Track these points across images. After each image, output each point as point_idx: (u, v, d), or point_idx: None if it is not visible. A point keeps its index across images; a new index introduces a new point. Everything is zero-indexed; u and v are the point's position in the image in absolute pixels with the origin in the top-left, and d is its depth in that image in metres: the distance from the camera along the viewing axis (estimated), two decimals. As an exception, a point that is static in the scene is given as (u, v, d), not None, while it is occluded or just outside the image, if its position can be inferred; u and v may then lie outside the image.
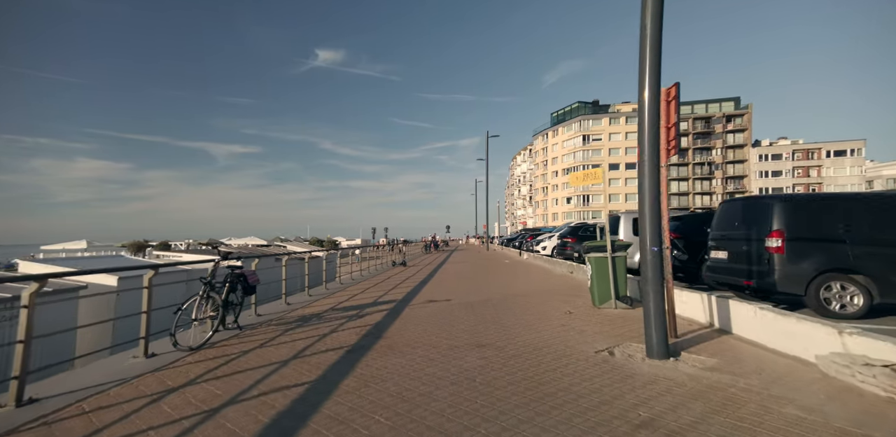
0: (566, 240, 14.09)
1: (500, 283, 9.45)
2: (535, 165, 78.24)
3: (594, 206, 64.20)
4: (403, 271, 13.57)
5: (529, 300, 6.55)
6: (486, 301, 6.52)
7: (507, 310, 5.75)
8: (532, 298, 6.84)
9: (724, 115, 57.37)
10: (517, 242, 27.91)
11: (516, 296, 7.04)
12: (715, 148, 58.68)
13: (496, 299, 6.69)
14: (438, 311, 5.78)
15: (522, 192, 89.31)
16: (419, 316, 5.42)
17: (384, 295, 7.66)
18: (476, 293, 7.54)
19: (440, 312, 5.69)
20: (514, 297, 6.95)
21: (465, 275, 11.72)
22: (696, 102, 61.18)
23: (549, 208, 71.97)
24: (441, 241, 36.52)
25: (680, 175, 61.41)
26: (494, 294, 7.34)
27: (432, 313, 5.63)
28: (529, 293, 7.31)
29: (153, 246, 35.42)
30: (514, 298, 6.84)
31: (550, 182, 71.82)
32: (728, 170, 57.86)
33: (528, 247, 20.71)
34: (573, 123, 66.54)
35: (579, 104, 67.04)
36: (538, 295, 7.14)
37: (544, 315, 5.32)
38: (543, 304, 6.22)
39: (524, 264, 15.18)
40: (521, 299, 6.67)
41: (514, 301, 6.49)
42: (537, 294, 7.26)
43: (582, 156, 64.93)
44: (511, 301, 6.50)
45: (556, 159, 70.46)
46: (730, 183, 57.75)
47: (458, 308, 5.94)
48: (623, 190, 62.98)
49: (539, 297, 6.93)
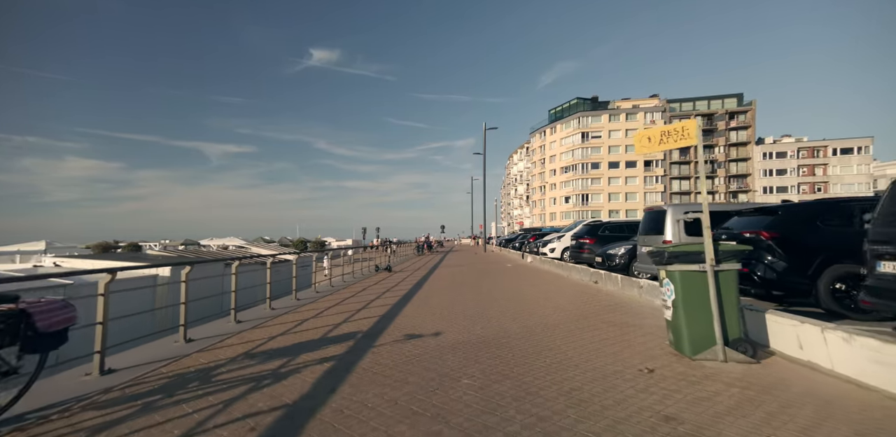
0: (583, 241, 11.79)
1: (511, 299, 7.12)
2: (533, 164, 76.19)
3: (593, 205, 62.29)
4: (387, 279, 11.20)
5: (566, 339, 4.17)
6: (497, 341, 4.13)
7: (535, 366, 3.35)
8: (566, 331, 4.46)
9: (727, 111, 55.73)
10: (517, 242, 25.62)
11: (543, 328, 4.65)
12: (717, 146, 57.01)
13: (513, 336, 4.29)
14: (419, 366, 3.37)
15: (519, 191, 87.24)
16: (382, 381, 3.01)
17: (345, 322, 5.25)
18: (480, 319, 5.16)
19: (422, 369, 3.29)
20: (539, 330, 4.57)
21: (461, 285, 9.37)
22: (698, 98, 59.51)
23: (547, 208, 69.93)
24: (435, 241, 34.15)
25: (681, 174, 59.66)
26: (507, 322, 4.97)
27: (407, 372, 3.22)
28: (558, 323, 4.93)
29: (122, 247, 32.54)
30: (541, 333, 4.45)
31: (548, 181, 69.78)
32: (731, 168, 56.21)
33: (532, 248, 18.41)
34: (572, 119, 64.54)
35: (578, 101, 65.10)
36: (572, 323, 4.78)
37: (607, 380, 2.95)
38: (589, 345, 3.84)
39: (531, 270, 12.85)
40: (552, 336, 4.29)
41: (542, 340, 4.11)
42: (571, 322, 4.90)
43: (581, 154, 62.96)
44: (537, 340, 4.11)
45: (554, 157, 68.43)
46: (733, 182, 56.11)
47: (454, 359, 3.54)
48: (623, 189, 61.10)
49: (575, 328, 4.56)
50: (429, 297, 7.59)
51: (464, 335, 4.32)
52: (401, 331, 4.61)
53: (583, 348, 3.73)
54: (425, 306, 6.46)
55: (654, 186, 60.06)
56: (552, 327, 4.63)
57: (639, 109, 61.01)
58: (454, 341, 4.07)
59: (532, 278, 10.33)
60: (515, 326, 4.76)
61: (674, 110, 59.88)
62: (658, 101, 61.91)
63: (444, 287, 9.01)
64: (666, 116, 59.38)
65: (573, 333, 4.36)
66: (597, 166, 62.20)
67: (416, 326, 4.91)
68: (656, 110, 60.00)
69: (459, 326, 4.83)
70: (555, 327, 4.62)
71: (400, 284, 9.78)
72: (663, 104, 59.87)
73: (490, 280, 10.06)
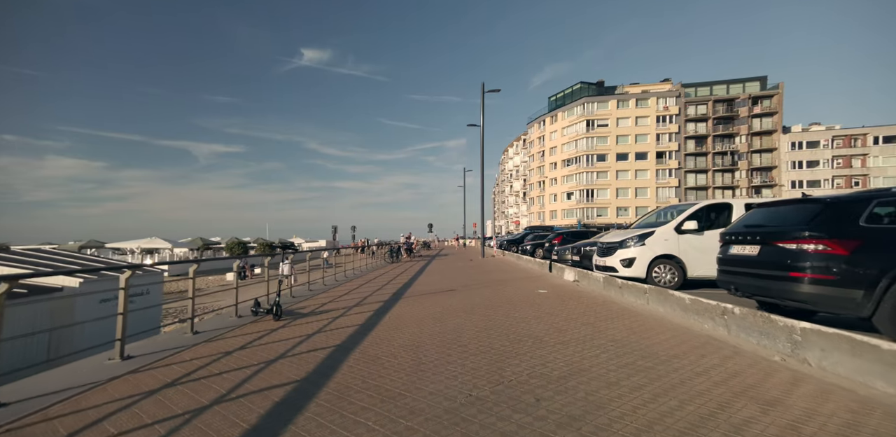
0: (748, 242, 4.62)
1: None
2: (530, 157, 69.49)
3: (599, 201, 55.78)
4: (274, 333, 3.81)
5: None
6: None
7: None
8: None
9: (750, 96, 49.67)
10: (527, 244, 18.57)
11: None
12: (739, 135, 50.95)
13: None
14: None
15: (515, 188, 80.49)
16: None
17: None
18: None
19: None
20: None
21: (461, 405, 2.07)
22: (715, 82, 53.43)
23: (547, 205, 63.26)
24: (418, 243, 26.61)
25: (697, 166, 53.48)
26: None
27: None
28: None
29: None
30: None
31: (548, 175, 63.13)
32: (754, 160, 50.18)
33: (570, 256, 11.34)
34: (575, 106, 57.94)
35: (581, 85, 58.55)
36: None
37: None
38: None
39: (614, 312, 5.66)
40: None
41: None
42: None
43: (585, 144, 56.39)
44: None
45: (555, 149, 61.81)
46: (756, 175, 50.08)
47: None
48: (633, 184, 54.71)
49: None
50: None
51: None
52: None
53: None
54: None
55: (667, 181, 53.82)
56: None
57: (650, 94, 54.70)
58: None
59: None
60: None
61: (689, 96, 53.70)
62: (671, 85, 55.71)
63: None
64: (681, 101, 53.21)
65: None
66: (603, 158, 55.74)
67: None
68: (670, 95, 53.77)
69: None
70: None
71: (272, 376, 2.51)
72: (678, 89, 53.64)
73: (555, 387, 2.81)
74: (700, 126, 53.25)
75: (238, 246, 24.04)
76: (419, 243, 25.13)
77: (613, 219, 54.58)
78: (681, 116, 53.21)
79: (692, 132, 53.28)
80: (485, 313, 5.37)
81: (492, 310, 5.54)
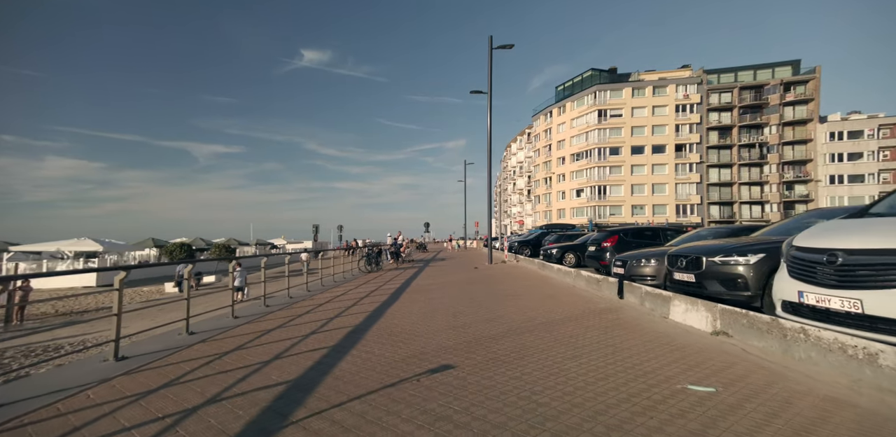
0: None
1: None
2: (535, 152, 64.70)
3: (612, 199, 50.91)
4: None
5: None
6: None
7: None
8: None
9: (783, 82, 44.84)
10: (552, 248, 13.73)
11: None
12: (768, 125, 46.11)
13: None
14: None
15: (518, 185, 75.68)
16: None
17: None
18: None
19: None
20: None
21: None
22: (740, 67, 48.61)
23: (554, 204, 58.42)
24: (408, 245, 21.72)
25: (721, 160, 48.63)
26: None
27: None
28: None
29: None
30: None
31: (555, 171, 58.31)
32: (786, 153, 45.32)
33: (652, 270, 6.47)
34: (586, 95, 53.15)
35: (593, 73, 53.75)
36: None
37: None
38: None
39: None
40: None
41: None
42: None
43: (597, 136, 51.58)
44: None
45: (563, 143, 57.02)
46: (788, 170, 45.20)
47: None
48: (649, 179, 49.89)
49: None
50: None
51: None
52: None
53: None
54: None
55: (687, 176, 48.97)
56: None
57: (668, 81, 49.90)
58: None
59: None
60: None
61: (711, 83, 48.89)
62: (691, 72, 50.90)
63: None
64: (703, 89, 48.41)
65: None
66: (617, 152, 50.92)
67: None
68: (690, 82, 48.96)
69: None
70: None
71: None
72: (699, 75, 48.84)
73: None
74: (724, 116, 48.43)
75: (180, 249, 18.82)
76: (409, 245, 20.24)
77: (628, 218, 49.74)
78: (703, 105, 48.41)
79: (715, 123, 48.47)
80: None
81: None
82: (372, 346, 3.86)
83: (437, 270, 13.65)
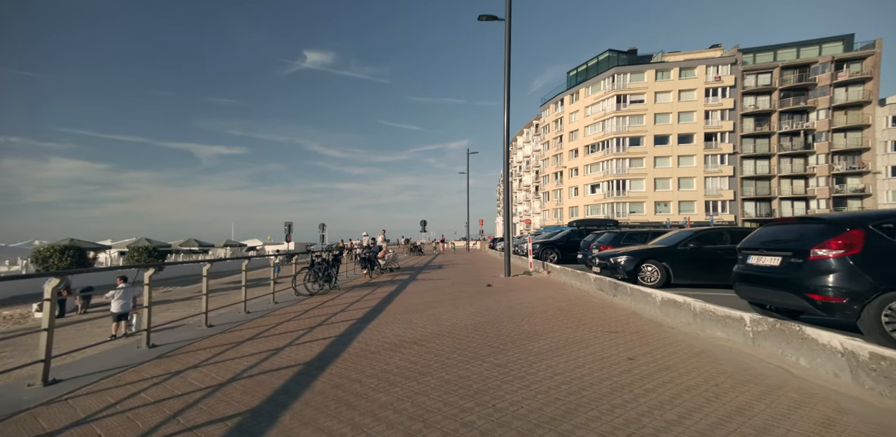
0: None
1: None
2: (545, 145, 59.09)
3: (632, 195, 45.14)
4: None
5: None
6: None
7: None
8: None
9: (833, 59, 38.86)
10: (620, 258, 8.17)
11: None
12: (815, 109, 40.14)
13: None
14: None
15: (525, 182, 70.03)
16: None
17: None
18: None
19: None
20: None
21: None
22: (781, 45, 42.68)
23: (566, 200, 52.77)
24: (388, 250, 15.76)
25: (758, 151, 42.69)
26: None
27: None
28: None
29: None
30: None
31: (567, 165, 52.66)
32: (836, 141, 39.32)
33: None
34: (602, 79, 47.48)
35: (610, 54, 48.07)
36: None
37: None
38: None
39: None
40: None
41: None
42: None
43: (615, 125, 45.86)
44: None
45: (576, 133, 51.38)
46: (839, 160, 39.19)
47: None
48: (675, 173, 44.09)
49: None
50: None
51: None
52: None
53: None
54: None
55: (718, 169, 43.09)
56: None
57: (697, 61, 44.08)
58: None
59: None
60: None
61: (747, 63, 43.00)
62: (722, 51, 45.03)
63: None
64: (737, 70, 42.54)
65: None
66: (637, 142, 45.18)
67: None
68: (723, 63, 43.11)
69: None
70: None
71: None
72: (733, 54, 42.98)
73: None
74: (762, 100, 42.51)
75: (60, 254, 13.13)
76: (392, 249, 14.62)
77: (651, 216, 44.02)
78: (737, 89, 42.55)
79: (751, 108, 42.58)
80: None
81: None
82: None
83: (427, 289, 8.30)
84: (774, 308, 4.32)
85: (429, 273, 12.64)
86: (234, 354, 3.75)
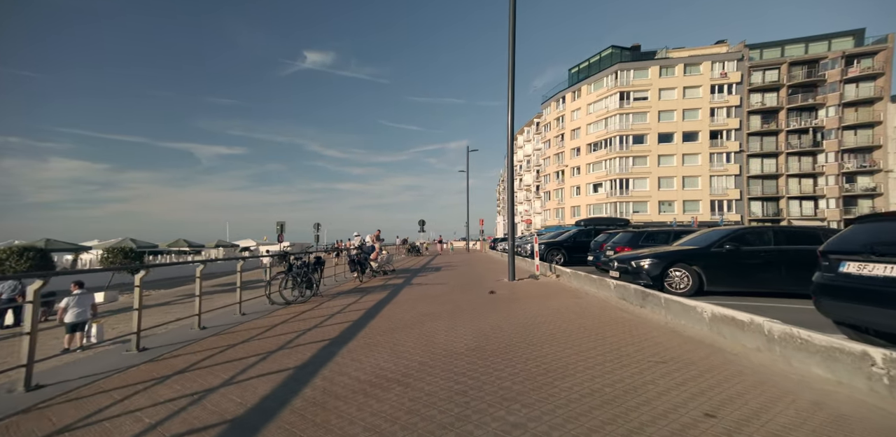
0: None
1: None
2: (545, 143, 58.04)
3: (636, 194, 44.06)
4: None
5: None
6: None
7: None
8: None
9: (843, 54, 37.84)
10: (644, 261, 7.06)
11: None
12: (825, 106, 39.11)
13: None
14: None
15: (525, 181, 69.00)
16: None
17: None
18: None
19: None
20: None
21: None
22: (789, 40, 41.67)
23: (567, 200, 51.73)
24: (380, 252, 14.61)
25: (765, 149, 41.65)
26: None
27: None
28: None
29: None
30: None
31: (569, 164, 51.63)
32: (847, 139, 38.29)
33: None
34: (605, 76, 46.44)
35: (613, 51, 47.03)
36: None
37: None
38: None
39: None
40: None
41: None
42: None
43: (618, 123, 44.81)
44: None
45: (578, 131, 50.34)
46: (849, 158, 38.17)
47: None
48: (679, 172, 43.05)
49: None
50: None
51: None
52: None
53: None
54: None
55: (724, 167, 42.07)
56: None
57: (702, 57, 43.06)
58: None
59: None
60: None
61: (754, 59, 41.97)
62: (728, 47, 44.01)
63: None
64: (743, 66, 41.52)
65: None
66: (641, 140, 44.15)
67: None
68: (729, 59, 42.10)
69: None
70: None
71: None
72: (739, 49, 41.97)
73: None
74: (769, 97, 41.48)
75: (17, 256, 12.04)
76: (382, 252, 13.51)
77: (655, 216, 42.95)
78: (743, 85, 41.54)
79: (758, 105, 41.55)
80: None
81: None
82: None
83: (421, 296, 7.22)
84: (875, 332, 3.26)
85: (425, 276, 11.57)
86: (119, 410, 2.67)
